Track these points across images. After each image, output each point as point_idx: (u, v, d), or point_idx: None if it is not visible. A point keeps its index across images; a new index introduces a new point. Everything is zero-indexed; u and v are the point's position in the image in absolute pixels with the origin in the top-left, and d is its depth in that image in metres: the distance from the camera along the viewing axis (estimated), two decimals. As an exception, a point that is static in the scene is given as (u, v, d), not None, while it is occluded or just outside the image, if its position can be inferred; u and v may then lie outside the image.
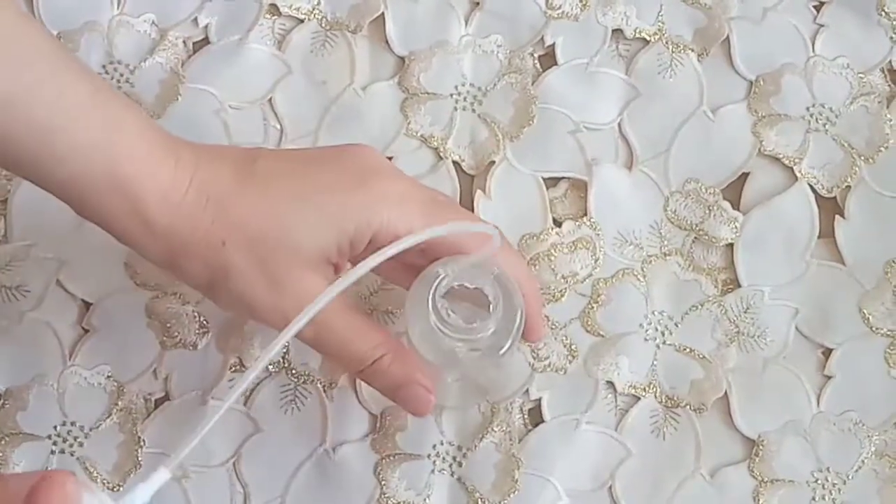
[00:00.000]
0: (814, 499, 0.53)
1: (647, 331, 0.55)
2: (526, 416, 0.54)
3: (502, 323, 0.45)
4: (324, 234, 0.45)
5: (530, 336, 0.51)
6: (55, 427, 0.54)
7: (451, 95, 0.58)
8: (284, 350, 0.54)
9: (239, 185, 0.45)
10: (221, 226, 0.44)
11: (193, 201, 0.44)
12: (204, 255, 0.44)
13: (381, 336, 0.48)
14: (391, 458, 0.53)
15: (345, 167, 0.47)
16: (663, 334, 0.55)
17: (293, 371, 0.54)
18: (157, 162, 0.44)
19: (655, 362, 0.55)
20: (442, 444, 0.54)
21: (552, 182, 0.57)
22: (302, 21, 0.60)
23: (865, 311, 0.55)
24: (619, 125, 0.58)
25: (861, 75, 0.58)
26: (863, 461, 0.53)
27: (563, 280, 0.55)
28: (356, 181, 0.46)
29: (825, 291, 0.55)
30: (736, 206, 0.56)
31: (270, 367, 0.54)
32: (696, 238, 0.56)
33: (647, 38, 0.59)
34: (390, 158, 0.57)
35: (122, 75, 0.59)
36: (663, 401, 0.54)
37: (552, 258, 0.55)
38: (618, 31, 0.59)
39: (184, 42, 0.60)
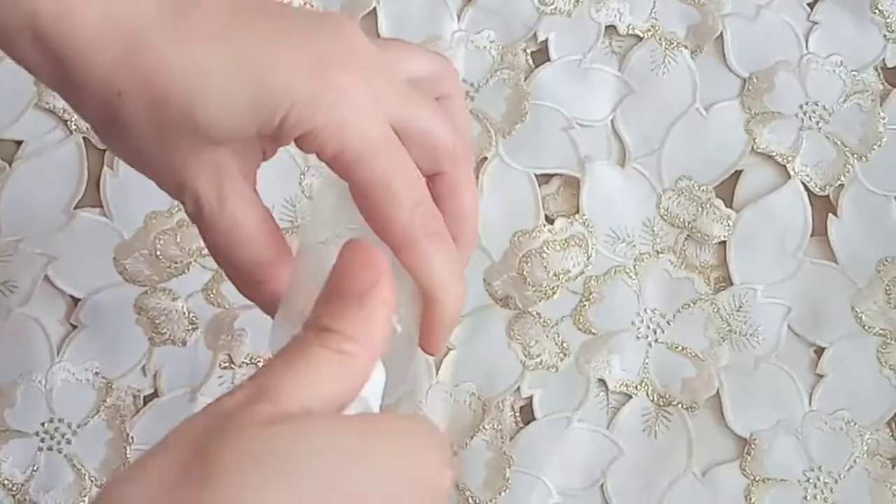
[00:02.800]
0: (805, 498, 0.53)
1: (639, 329, 0.55)
2: (517, 414, 0.54)
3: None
4: (235, 110, 0.35)
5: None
6: (43, 424, 0.54)
7: (444, 91, 0.58)
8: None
9: (159, 27, 0.35)
10: (122, 74, 0.35)
11: (95, 30, 0.35)
12: (98, 96, 0.36)
13: (287, 259, 0.39)
14: (382, 455, 0.53)
15: (306, 32, 0.37)
16: (655, 332, 0.55)
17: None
18: None
19: (647, 360, 0.54)
20: (433, 441, 0.53)
21: (545, 179, 0.57)
22: (293, 16, 0.60)
23: (858, 310, 0.55)
24: (612, 122, 0.58)
25: (854, 73, 0.58)
26: (855, 460, 0.53)
27: (555, 277, 0.55)
28: (309, 52, 0.36)
29: (818, 290, 0.55)
30: (729, 203, 0.56)
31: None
32: (688, 236, 0.56)
33: (641, 35, 0.59)
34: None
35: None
36: (655, 399, 0.54)
37: (544, 255, 0.55)
38: (611, 28, 0.59)
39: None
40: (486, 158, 0.57)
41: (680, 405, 0.54)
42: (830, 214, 0.56)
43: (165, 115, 0.35)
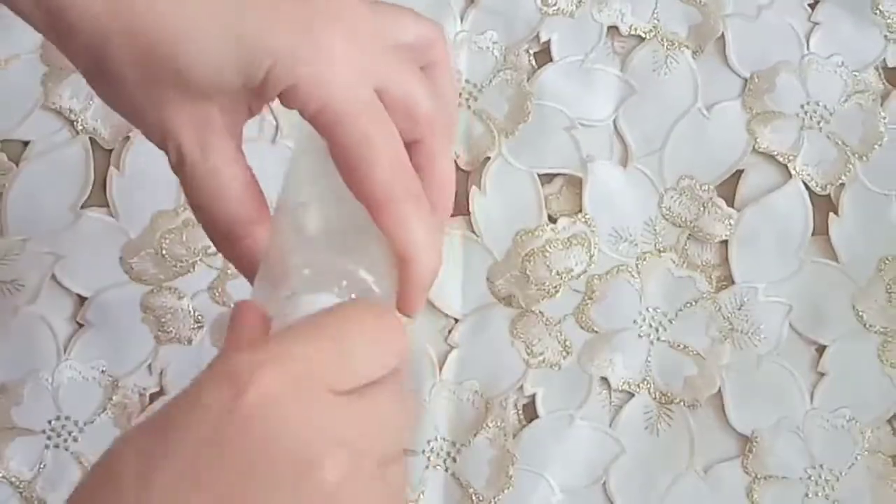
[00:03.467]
0: (807, 495, 0.53)
1: (641, 327, 0.55)
2: (520, 412, 0.54)
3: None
4: (221, 63, 0.35)
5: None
6: (49, 422, 0.54)
7: (447, 92, 0.58)
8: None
9: None
10: (109, 22, 0.35)
11: None
12: (87, 44, 0.36)
13: (266, 219, 0.38)
14: (385, 453, 0.53)
15: None
16: (657, 331, 0.55)
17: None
18: None
19: (649, 359, 0.55)
20: (436, 439, 0.54)
21: (547, 178, 0.57)
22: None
23: (859, 309, 0.55)
24: (615, 122, 0.58)
25: (855, 73, 0.58)
26: (856, 458, 0.53)
27: (557, 276, 0.55)
28: (297, 7, 0.36)
29: (819, 289, 0.55)
30: (730, 203, 0.57)
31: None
32: (690, 235, 0.56)
33: (643, 35, 0.59)
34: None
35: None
36: (657, 397, 0.54)
37: (547, 254, 0.56)
38: (613, 28, 0.59)
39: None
40: (489, 158, 0.57)
41: (682, 403, 0.54)
42: (831, 213, 0.56)
43: (151, 65, 0.35)
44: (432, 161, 0.38)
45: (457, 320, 0.55)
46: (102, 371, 0.55)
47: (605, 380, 0.55)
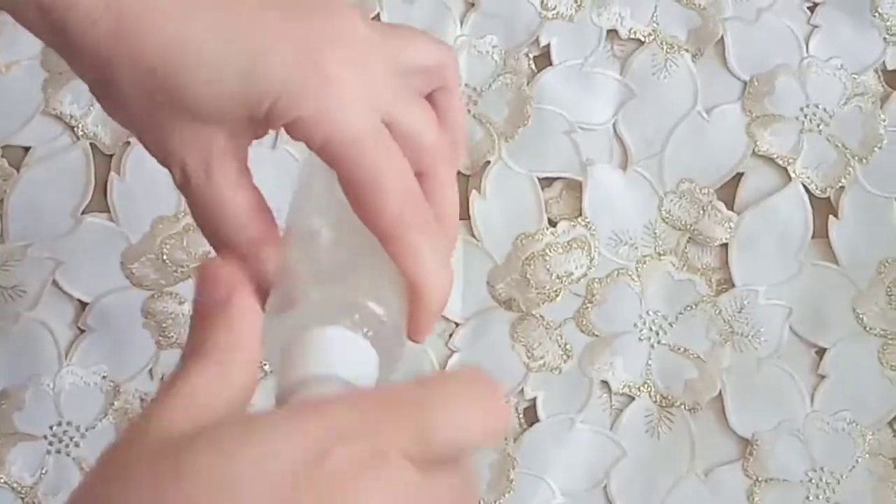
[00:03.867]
0: (808, 498, 0.53)
1: (641, 331, 0.55)
2: (521, 416, 0.54)
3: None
4: (224, 95, 0.35)
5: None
6: (51, 427, 0.54)
7: (447, 96, 0.58)
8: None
9: (152, 2, 0.35)
10: (114, 45, 0.35)
11: (90, 3, 0.35)
12: (93, 64, 0.36)
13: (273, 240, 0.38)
14: (386, 457, 0.53)
15: (300, 16, 0.36)
16: (658, 334, 0.55)
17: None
18: None
19: (650, 362, 0.55)
20: (437, 443, 0.54)
21: (547, 182, 0.57)
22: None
23: (859, 311, 0.55)
24: (614, 125, 0.58)
25: (855, 76, 0.58)
26: (857, 461, 0.53)
27: (557, 280, 0.55)
28: (301, 38, 0.35)
29: (819, 291, 0.55)
30: (730, 206, 0.57)
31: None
32: (690, 238, 0.56)
33: (642, 39, 0.59)
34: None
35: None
36: (658, 400, 0.54)
37: (547, 258, 0.56)
38: (612, 32, 0.59)
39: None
40: (488, 162, 0.57)
41: (682, 406, 0.54)
42: (831, 216, 0.56)
43: (156, 91, 0.35)
44: (438, 192, 0.38)
45: (457, 324, 0.55)
46: (104, 376, 0.55)
47: (605, 383, 0.55)
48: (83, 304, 0.56)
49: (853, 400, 0.54)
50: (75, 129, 0.58)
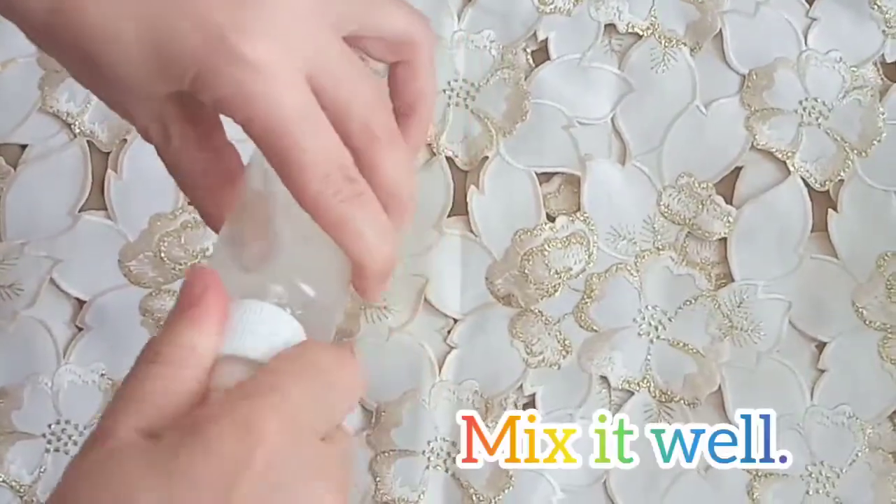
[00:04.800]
0: (808, 492, 0.53)
1: (640, 325, 0.55)
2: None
3: None
4: (145, 77, 0.35)
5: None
6: (50, 426, 0.54)
7: (445, 91, 0.58)
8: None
9: None
10: (54, 24, 0.35)
11: None
12: (39, 37, 0.36)
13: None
14: (386, 454, 0.53)
15: None
16: (657, 329, 0.55)
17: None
18: None
19: (649, 357, 0.55)
20: (436, 439, 0.54)
21: (545, 177, 0.57)
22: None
23: (858, 305, 0.55)
24: (613, 120, 0.58)
25: (853, 69, 0.58)
26: (856, 454, 0.53)
27: (556, 275, 0.55)
28: (215, 16, 0.34)
29: (818, 285, 0.55)
30: (729, 200, 0.57)
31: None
32: (689, 232, 0.56)
33: (640, 33, 0.59)
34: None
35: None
36: (657, 395, 0.54)
37: (546, 253, 0.55)
38: (610, 26, 0.59)
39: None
40: (487, 157, 0.57)
41: (682, 401, 0.54)
42: (830, 210, 0.56)
43: (93, 70, 0.35)
44: (372, 170, 0.37)
45: (456, 320, 0.55)
46: (102, 374, 0.55)
47: (604, 378, 0.55)
48: (81, 303, 0.56)
49: (853, 394, 0.54)
50: (72, 126, 0.58)
